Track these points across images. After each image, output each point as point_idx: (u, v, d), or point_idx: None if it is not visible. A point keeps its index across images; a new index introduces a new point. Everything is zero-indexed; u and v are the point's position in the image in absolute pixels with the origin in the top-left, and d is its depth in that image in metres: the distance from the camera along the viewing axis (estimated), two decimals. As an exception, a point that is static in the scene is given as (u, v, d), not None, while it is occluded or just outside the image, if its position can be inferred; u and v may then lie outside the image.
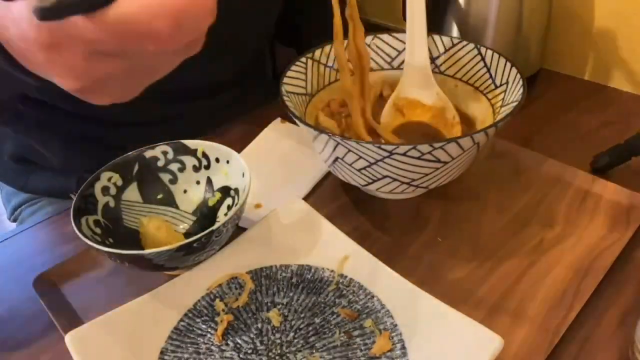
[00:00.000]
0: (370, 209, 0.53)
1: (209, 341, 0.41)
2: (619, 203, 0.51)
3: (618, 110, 0.67)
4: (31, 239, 0.54)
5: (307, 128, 0.45)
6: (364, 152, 0.44)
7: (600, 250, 0.47)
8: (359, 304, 0.42)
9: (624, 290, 0.44)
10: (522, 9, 0.63)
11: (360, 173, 0.47)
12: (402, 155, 0.43)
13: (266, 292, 0.44)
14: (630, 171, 0.55)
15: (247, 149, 0.61)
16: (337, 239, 0.46)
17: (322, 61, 0.56)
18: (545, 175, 0.55)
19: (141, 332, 0.40)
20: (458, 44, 0.56)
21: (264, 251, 0.46)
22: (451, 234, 0.50)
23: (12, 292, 0.48)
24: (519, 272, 0.45)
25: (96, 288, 0.47)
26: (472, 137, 0.43)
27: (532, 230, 0.49)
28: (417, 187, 0.48)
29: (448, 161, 0.45)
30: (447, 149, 0.43)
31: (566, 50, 0.74)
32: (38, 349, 0.43)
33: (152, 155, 0.50)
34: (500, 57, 0.52)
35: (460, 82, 0.56)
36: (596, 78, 0.73)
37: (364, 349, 0.39)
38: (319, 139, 0.46)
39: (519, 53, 0.66)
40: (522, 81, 0.48)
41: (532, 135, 0.63)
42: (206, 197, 0.51)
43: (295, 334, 0.41)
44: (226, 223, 0.42)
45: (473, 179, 0.55)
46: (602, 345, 0.40)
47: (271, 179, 0.57)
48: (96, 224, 0.45)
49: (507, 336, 0.38)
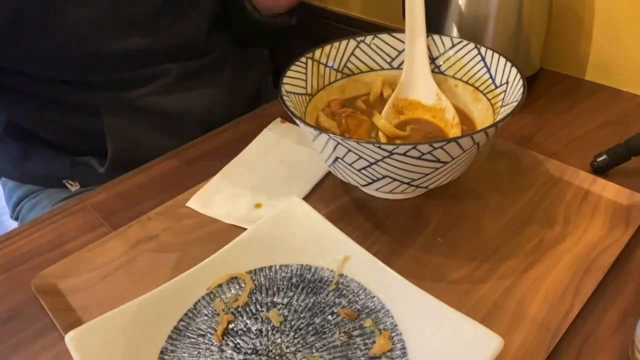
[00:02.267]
0: (370, 209, 0.53)
1: (209, 341, 0.41)
2: (619, 203, 0.51)
3: (618, 110, 0.67)
4: (31, 238, 0.54)
5: (307, 128, 0.45)
6: (364, 152, 0.44)
7: (600, 250, 0.47)
8: (359, 304, 0.42)
9: (624, 290, 0.44)
10: (522, 9, 0.63)
11: (360, 173, 0.47)
12: (402, 155, 0.43)
13: (266, 292, 0.44)
14: (630, 171, 0.55)
15: (247, 149, 0.61)
16: (337, 239, 0.46)
17: (322, 61, 0.56)
18: (545, 175, 0.55)
19: (141, 332, 0.40)
20: (458, 44, 0.56)
21: (264, 251, 0.46)
22: (451, 234, 0.50)
23: (12, 292, 0.48)
24: (519, 272, 0.45)
25: (96, 288, 0.47)
26: (472, 137, 0.43)
27: (532, 230, 0.49)
28: (417, 187, 0.48)
29: (448, 161, 0.45)
30: (447, 149, 0.43)
31: (566, 50, 0.74)
32: (38, 349, 0.43)
33: None
34: (500, 57, 0.52)
35: (461, 82, 0.56)
36: (596, 78, 0.73)
37: (364, 349, 0.39)
38: (319, 139, 0.46)
39: (519, 53, 0.66)
40: (523, 81, 0.48)
41: (532, 135, 0.63)
42: None
43: (295, 334, 0.41)
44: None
45: (473, 179, 0.55)
46: (602, 345, 0.40)
47: (271, 179, 0.57)
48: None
49: (507, 336, 0.38)
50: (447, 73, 0.57)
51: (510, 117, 0.44)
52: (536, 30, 0.66)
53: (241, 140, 0.61)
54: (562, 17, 0.72)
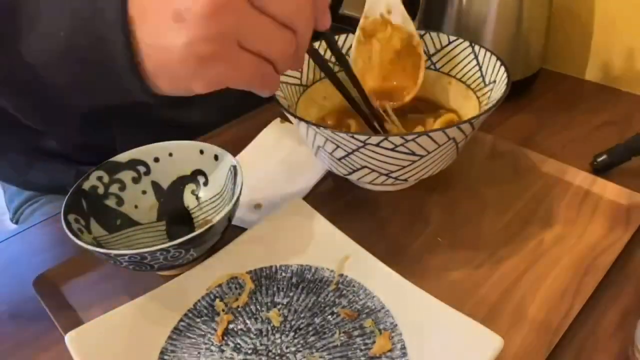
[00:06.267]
0: (370, 209, 0.53)
1: (209, 341, 0.41)
2: (619, 203, 0.51)
3: (618, 110, 0.67)
4: (31, 239, 0.54)
5: (290, 117, 0.46)
6: (339, 141, 0.44)
7: (600, 250, 0.47)
8: (359, 304, 0.42)
9: (624, 290, 0.44)
10: (522, 9, 0.63)
11: (340, 162, 0.48)
12: (376, 146, 0.43)
13: (266, 292, 0.44)
14: (630, 171, 0.55)
15: (247, 149, 0.61)
16: (337, 239, 0.46)
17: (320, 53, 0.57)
18: (545, 175, 0.55)
19: (141, 332, 0.40)
20: (453, 42, 0.56)
21: (264, 251, 0.46)
22: (451, 234, 0.50)
23: (12, 292, 0.48)
24: (519, 272, 0.45)
25: (96, 288, 0.47)
26: (445, 131, 0.43)
27: (532, 230, 0.49)
28: (396, 179, 0.48)
29: (424, 155, 0.45)
30: (421, 142, 0.43)
31: (566, 50, 0.74)
32: (38, 349, 0.43)
33: (91, 185, 0.47)
34: (492, 56, 0.52)
35: (454, 80, 0.57)
36: (596, 78, 0.73)
37: (364, 349, 0.39)
38: (301, 127, 0.47)
39: (519, 53, 0.66)
40: (507, 80, 0.48)
41: (532, 135, 0.63)
42: (160, 199, 0.50)
43: (295, 334, 0.41)
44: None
45: (473, 179, 0.55)
46: (602, 345, 0.40)
47: (271, 179, 0.57)
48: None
49: (507, 336, 0.38)
50: (442, 70, 0.58)
51: (487, 114, 0.45)
52: (536, 30, 0.66)
53: (241, 140, 0.61)
54: (562, 17, 0.72)
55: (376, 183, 0.49)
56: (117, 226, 0.48)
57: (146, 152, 0.49)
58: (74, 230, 0.42)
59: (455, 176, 0.55)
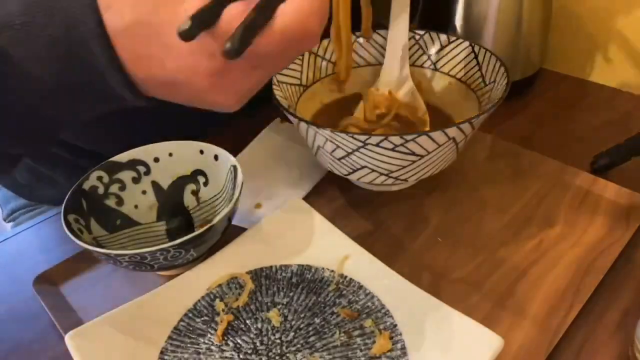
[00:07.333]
0: (370, 208, 0.53)
1: (209, 341, 0.41)
2: (619, 203, 0.51)
3: (618, 110, 0.66)
4: (31, 239, 0.54)
5: (290, 117, 0.46)
6: (338, 141, 0.44)
7: (600, 250, 0.47)
8: (359, 304, 0.42)
9: (624, 290, 0.44)
10: (522, 9, 0.63)
11: (340, 162, 0.48)
12: (376, 146, 0.43)
13: (266, 292, 0.44)
14: (630, 171, 0.55)
15: (247, 149, 0.61)
16: (337, 239, 0.46)
17: (319, 54, 0.57)
18: (545, 175, 0.55)
19: (141, 332, 0.40)
20: (453, 42, 0.56)
21: (264, 251, 0.46)
22: (451, 234, 0.50)
23: (12, 292, 0.48)
24: (519, 272, 0.45)
25: (96, 288, 0.47)
26: (445, 131, 0.43)
27: (532, 231, 0.49)
28: (396, 179, 0.48)
29: (424, 155, 0.45)
30: (420, 142, 0.43)
31: (566, 50, 0.74)
32: (38, 349, 0.43)
33: (91, 185, 0.47)
34: (492, 56, 0.52)
35: (454, 80, 0.57)
36: (596, 78, 0.73)
37: (364, 349, 0.39)
38: (301, 127, 0.47)
39: (519, 53, 0.66)
40: (507, 80, 0.48)
41: (532, 135, 0.63)
42: (159, 199, 0.50)
43: (295, 334, 0.41)
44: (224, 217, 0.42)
45: (473, 179, 0.55)
46: (602, 345, 0.40)
47: (271, 179, 0.57)
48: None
49: (507, 336, 0.38)
50: (442, 70, 0.57)
51: (487, 114, 0.45)
52: (536, 30, 0.66)
53: (241, 140, 0.61)
54: (562, 17, 0.72)
55: (376, 183, 0.49)
56: (117, 226, 0.48)
57: (146, 152, 0.49)
58: (74, 230, 0.42)
59: (455, 176, 0.55)
